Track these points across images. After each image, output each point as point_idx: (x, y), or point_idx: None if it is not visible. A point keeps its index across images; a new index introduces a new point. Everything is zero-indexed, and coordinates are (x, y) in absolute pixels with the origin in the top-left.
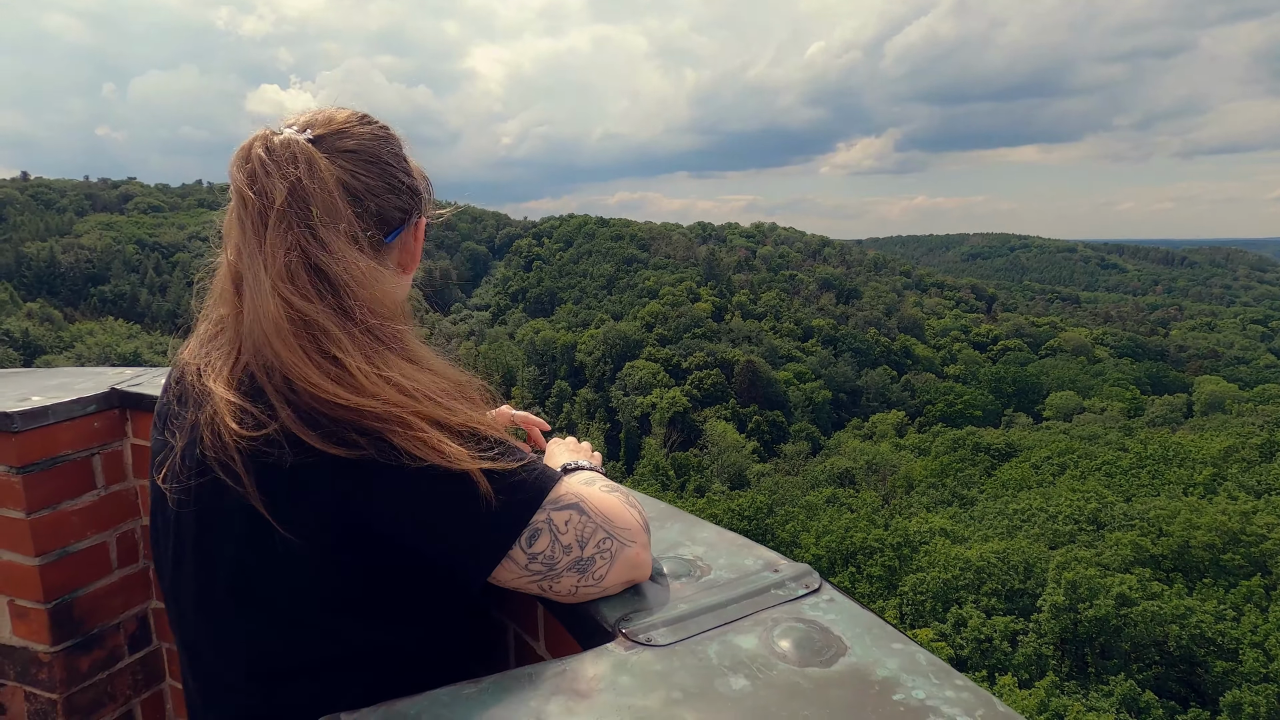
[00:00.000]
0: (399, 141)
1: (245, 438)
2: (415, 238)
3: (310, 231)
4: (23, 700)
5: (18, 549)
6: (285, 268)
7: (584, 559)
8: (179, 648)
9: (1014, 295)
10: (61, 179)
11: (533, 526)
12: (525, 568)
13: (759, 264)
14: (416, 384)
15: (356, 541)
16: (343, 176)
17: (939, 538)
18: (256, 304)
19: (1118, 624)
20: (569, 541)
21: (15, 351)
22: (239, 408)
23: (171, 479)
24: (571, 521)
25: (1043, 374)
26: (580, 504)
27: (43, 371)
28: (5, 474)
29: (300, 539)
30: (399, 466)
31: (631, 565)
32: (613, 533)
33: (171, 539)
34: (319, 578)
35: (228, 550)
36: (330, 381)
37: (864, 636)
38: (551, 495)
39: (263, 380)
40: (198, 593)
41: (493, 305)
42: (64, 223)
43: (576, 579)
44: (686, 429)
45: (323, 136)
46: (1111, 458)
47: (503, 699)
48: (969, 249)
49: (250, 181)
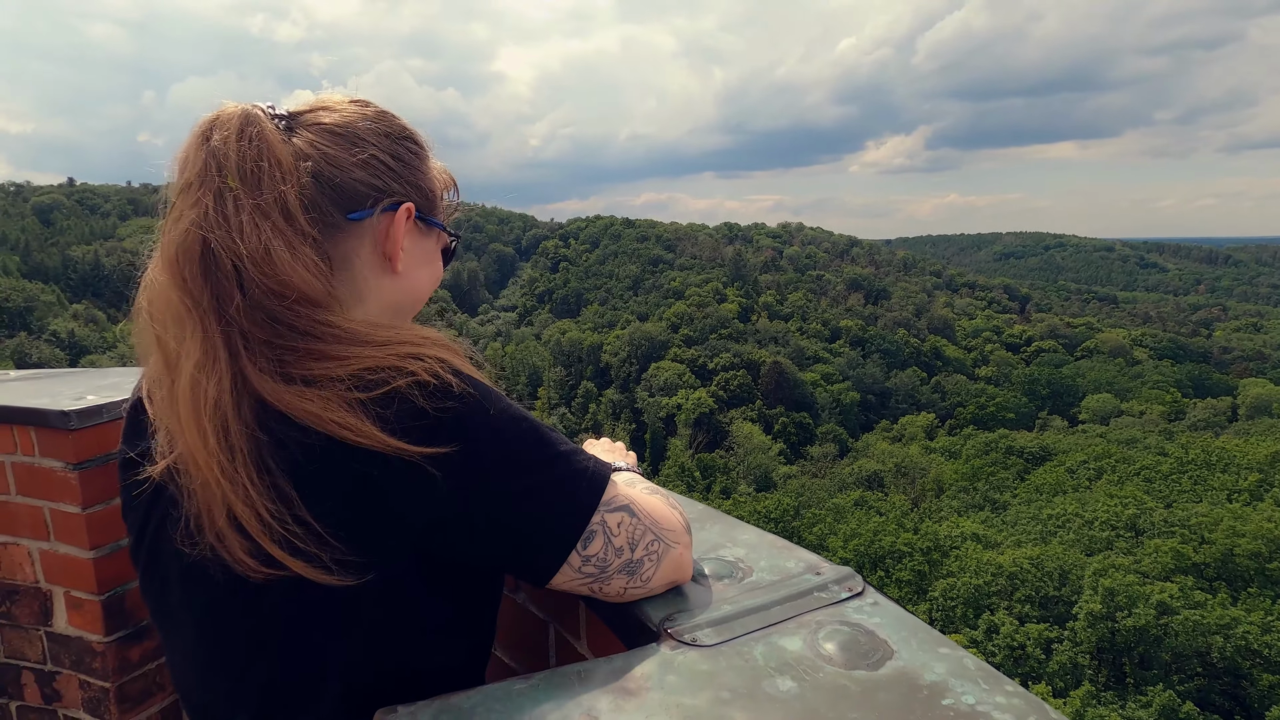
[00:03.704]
0: (399, 127)
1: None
2: (396, 229)
3: (219, 205)
4: (77, 688)
5: (74, 542)
6: (174, 243)
7: (634, 561)
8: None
9: (1049, 295)
10: (105, 184)
11: (589, 529)
12: (579, 570)
13: (786, 264)
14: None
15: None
16: (302, 147)
17: (970, 542)
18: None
19: (1158, 633)
20: (620, 544)
21: (61, 351)
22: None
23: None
24: (624, 524)
25: (1078, 376)
26: (630, 506)
27: (95, 371)
28: (62, 470)
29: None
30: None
31: (676, 566)
32: (660, 535)
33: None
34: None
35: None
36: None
37: (910, 640)
38: (605, 496)
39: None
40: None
41: (519, 306)
42: (108, 227)
43: (625, 581)
44: (712, 430)
45: (301, 113)
46: (1151, 462)
47: (554, 695)
48: (1002, 248)
49: (182, 152)
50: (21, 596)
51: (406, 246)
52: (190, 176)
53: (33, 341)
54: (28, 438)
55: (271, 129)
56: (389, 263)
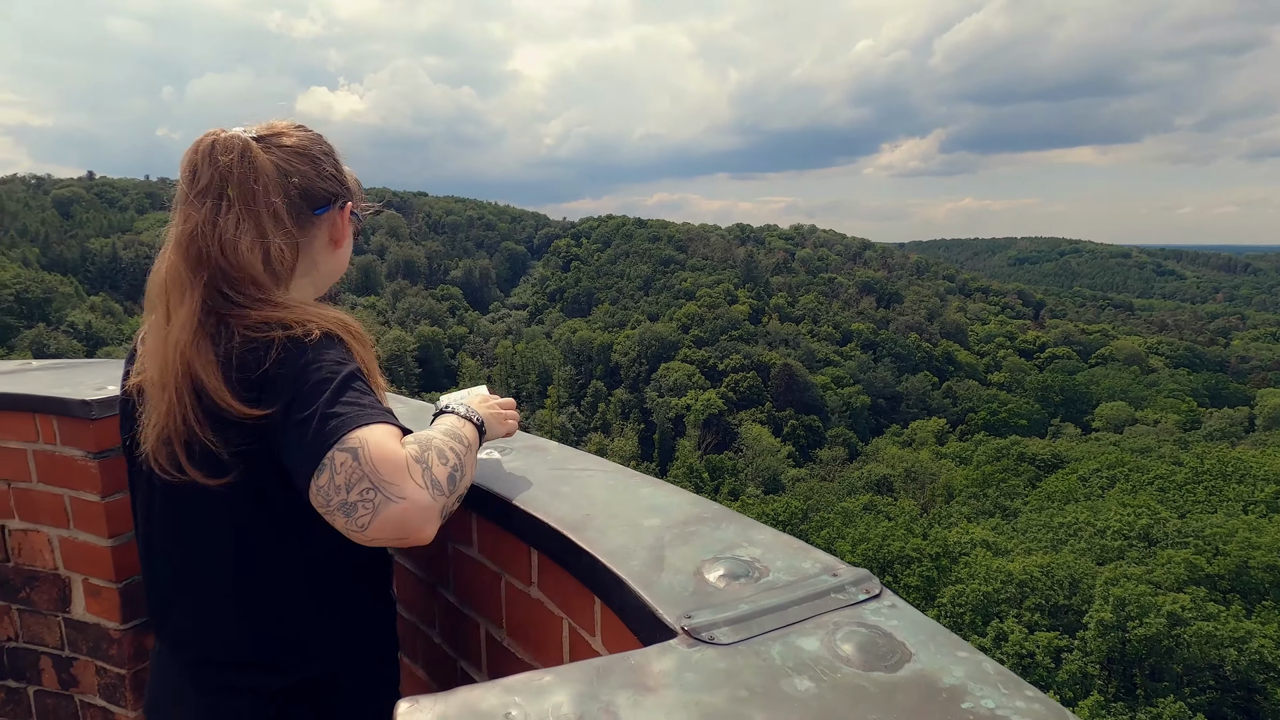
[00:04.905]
0: (330, 146)
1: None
2: (343, 219)
3: (214, 210)
4: (94, 674)
5: (93, 530)
6: (182, 235)
7: (348, 503)
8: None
9: (1063, 301)
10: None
11: (321, 462)
12: (314, 496)
13: (798, 266)
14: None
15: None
16: (278, 162)
17: (980, 549)
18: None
19: (1169, 644)
20: (340, 483)
21: (79, 342)
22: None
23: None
24: (345, 465)
25: (1092, 383)
26: (359, 450)
27: (115, 362)
28: (82, 459)
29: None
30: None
31: (397, 523)
32: (379, 485)
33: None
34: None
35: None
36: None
37: (928, 644)
38: (346, 435)
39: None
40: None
41: (530, 305)
42: (125, 220)
43: (345, 520)
44: (721, 431)
45: (265, 136)
46: (1165, 472)
47: (573, 689)
48: (1017, 253)
49: (189, 165)
50: (41, 583)
51: (341, 228)
52: (200, 185)
53: (50, 332)
54: (50, 426)
55: (261, 153)
56: (334, 244)
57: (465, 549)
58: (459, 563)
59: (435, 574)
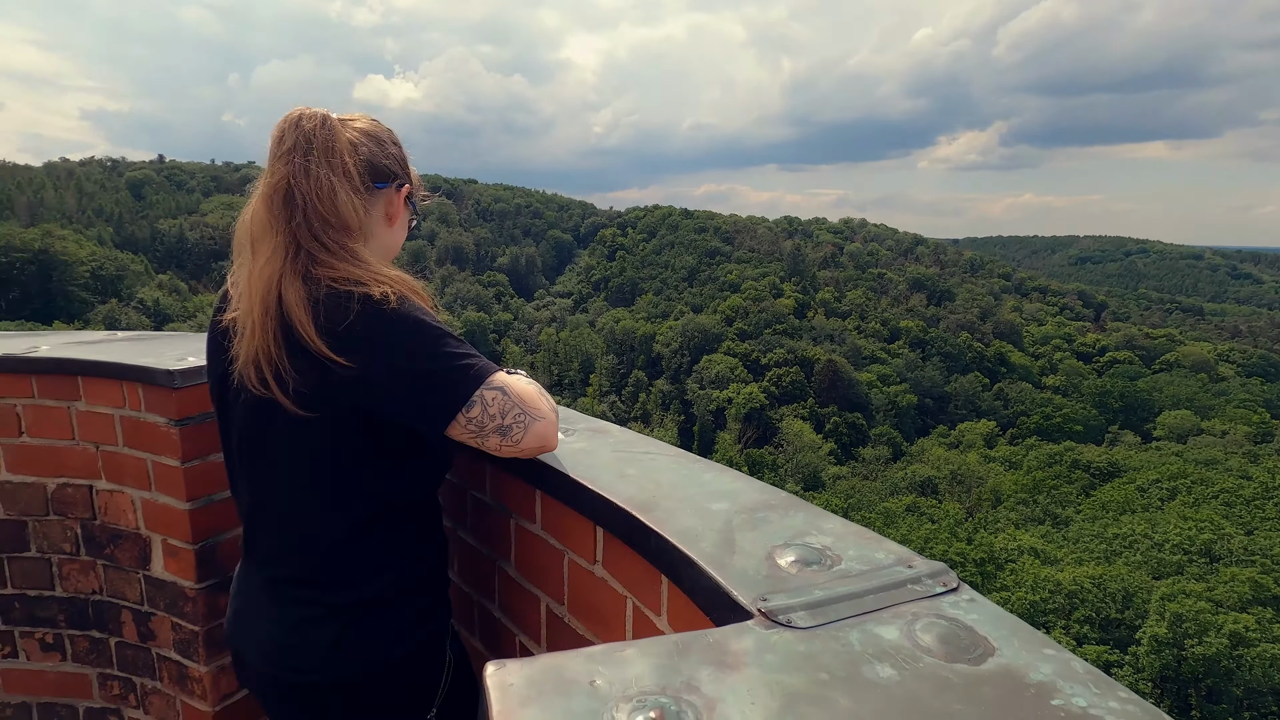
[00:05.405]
0: (397, 137)
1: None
2: (399, 199)
3: (304, 163)
4: (170, 629)
5: (172, 493)
6: (270, 186)
7: (504, 426)
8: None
9: (1126, 304)
10: (191, 161)
11: (470, 399)
12: (465, 428)
13: (846, 261)
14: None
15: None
16: (350, 136)
17: (1027, 556)
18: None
19: (1229, 665)
20: (494, 413)
21: (147, 318)
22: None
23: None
24: (497, 399)
25: (1155, 390)
26: (504, 388)
27: (194, 335)
28: (165, 426)
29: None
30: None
31: (540, 435)
32: (526, 410)
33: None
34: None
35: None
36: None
37: (1011, 639)
38: (486, 379)
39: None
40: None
41: (575, 293)
42: (192, 202)
43: (500, 440)
44: (762, 426)
45: (343, 118)
46: (1232, 486)
47: (654, 661)
48: (1078, 252)
49: (278, 132)
50: (124, 541)
51: (397, 205)
52: (287, 145)
53: (122, 308)
54: (135, 394)
55: (338, 124)
56: (389, 220)
57: (528, 525)
58: (521, 538)
59: (496, 548)
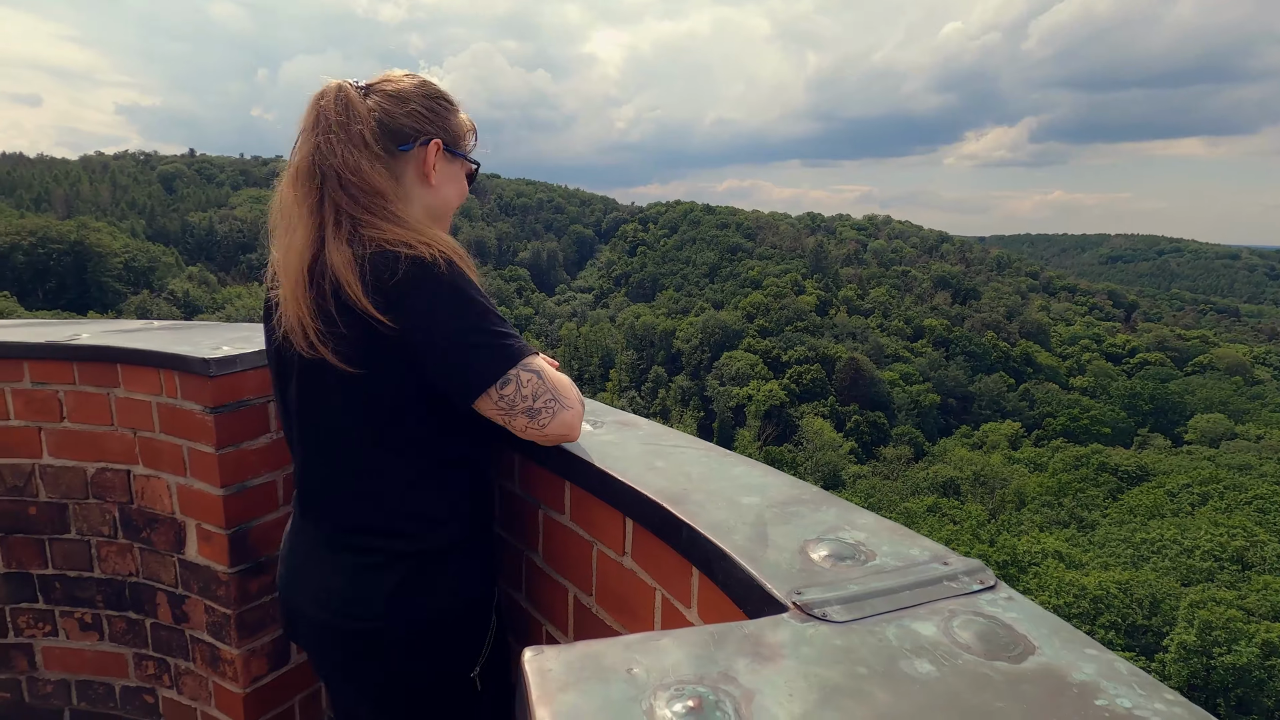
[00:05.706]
0: (435, 89)
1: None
2: (429, 153)
3: (324, 139)
4: (203, 612)
5: (207, 480)
6: (295, 166)
7: (534, 409)
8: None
9: (1158, 304)
10: (221, 155)
11: (506, 376)
12: (495, 403)
13: (869, 258)
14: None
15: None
16: (372, 107)
17: (1051, 560)
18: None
19: (1261, 676)
20: (527, 394)
21: (177, 309)
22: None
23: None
24: (532, 381)
25: (1187, 393)
26: (541, 373)
27: (228, 325)
28: (200, 413)
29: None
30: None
31: (566, 424)
32: (557, 397)
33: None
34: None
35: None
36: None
37: (1052, 638)
38: (524, 360)
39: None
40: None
41: (596, 288)
42: (221, 196)
43: (526, 421)
44: (782, 423)
45: (371, 84)
46: (1267, 492)
47: (690, 650)
48: (1109, 251)
49: (302, 115)
50: (160, 525)
51: (438, 169)
52: (306, 125)
53: (153, 299)
54: (172, 381)
55: (355, 94)
56: (425, 179)
57: (557, 516)
58: (549, 529)
59: (525, 539)
